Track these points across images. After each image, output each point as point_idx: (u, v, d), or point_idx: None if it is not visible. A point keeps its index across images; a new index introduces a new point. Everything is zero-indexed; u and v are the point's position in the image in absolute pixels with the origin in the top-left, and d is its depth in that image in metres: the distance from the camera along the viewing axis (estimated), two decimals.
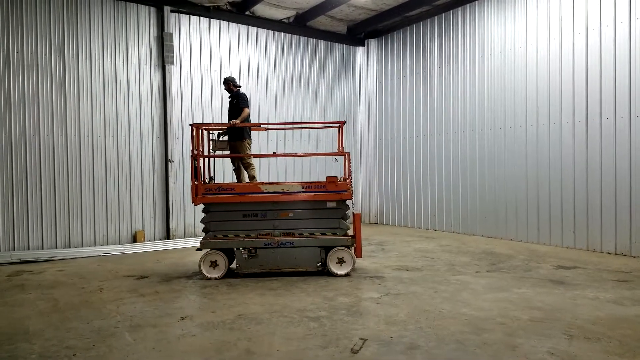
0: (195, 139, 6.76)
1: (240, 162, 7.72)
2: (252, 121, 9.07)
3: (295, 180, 9.98)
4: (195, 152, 6.73)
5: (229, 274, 6.71)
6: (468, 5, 10.33)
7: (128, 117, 9.77)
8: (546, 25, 8.88)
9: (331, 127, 8.72)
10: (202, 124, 7.23)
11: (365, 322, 4.69)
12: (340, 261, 6.63)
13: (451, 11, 10.70)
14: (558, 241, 8.73)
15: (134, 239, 9.73)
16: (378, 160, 12.86)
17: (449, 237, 10.20)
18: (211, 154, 7.49)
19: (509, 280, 6.28)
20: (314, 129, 11.92)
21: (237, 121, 7.28)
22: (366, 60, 13.02)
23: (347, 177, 6.78)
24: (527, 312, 4.92)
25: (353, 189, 7.29)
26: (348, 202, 6.85)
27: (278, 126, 10.43)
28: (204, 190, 6.69)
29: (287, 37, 11.89)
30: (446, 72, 10.91)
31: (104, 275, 6.99)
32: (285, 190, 6.68)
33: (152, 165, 10.05)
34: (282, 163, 11.59)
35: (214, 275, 6.59)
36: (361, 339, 4.24)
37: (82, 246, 9.16)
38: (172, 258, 8.24)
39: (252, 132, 7.92)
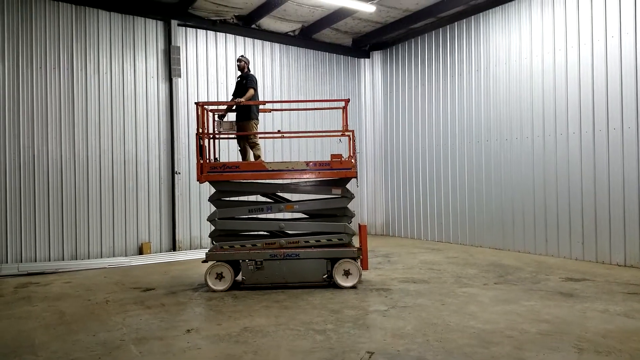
0: (200, 118, 6.81)
1: (247, 141, 7.74)
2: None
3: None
4: (200, 130, 6.79)
5: (235, 286, 6.70)
6: (473, 17, 10.38)
7: (135, 129, 9.85)
8: (551, 36, 8.89)
9: (336, 107, 8.97)
10: (207, 102, 7.21)
11: (372, 335, 4.65)
12: (347, 273, 6.60)
13: (456, 23, 10.75)
14: (566, 253, 8.65)
15: (140, 251, 9.74)
16: (383, 172, 12.85)
17: (456, 248, 10.13)
18: (216, 134, 7.54)
19: (517, 293, 6.22)
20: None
21: (242, 99, 7.30)
22: (371, 72, 13.09)
23: (351, 155, 6.77)
24: (535, 325, 4.86)
25: (358, 166, 7.26)
26: (353, 181, 6.88)
27: (283, 105, 10.52)
28: (209, 169, 6.74)
29: (292, 49, 11.99)
30: (451, 83, 10.93)
31: (110, 287, 7.00)
32: (289, 168, 6.71)
33: (159, 177, 10.10)
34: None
35: (219, 288, 6.58)
36: (368, 352, 4.20)
37: (88, 258, 9.18)
38: (178, 270, 8.23)
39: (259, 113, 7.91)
